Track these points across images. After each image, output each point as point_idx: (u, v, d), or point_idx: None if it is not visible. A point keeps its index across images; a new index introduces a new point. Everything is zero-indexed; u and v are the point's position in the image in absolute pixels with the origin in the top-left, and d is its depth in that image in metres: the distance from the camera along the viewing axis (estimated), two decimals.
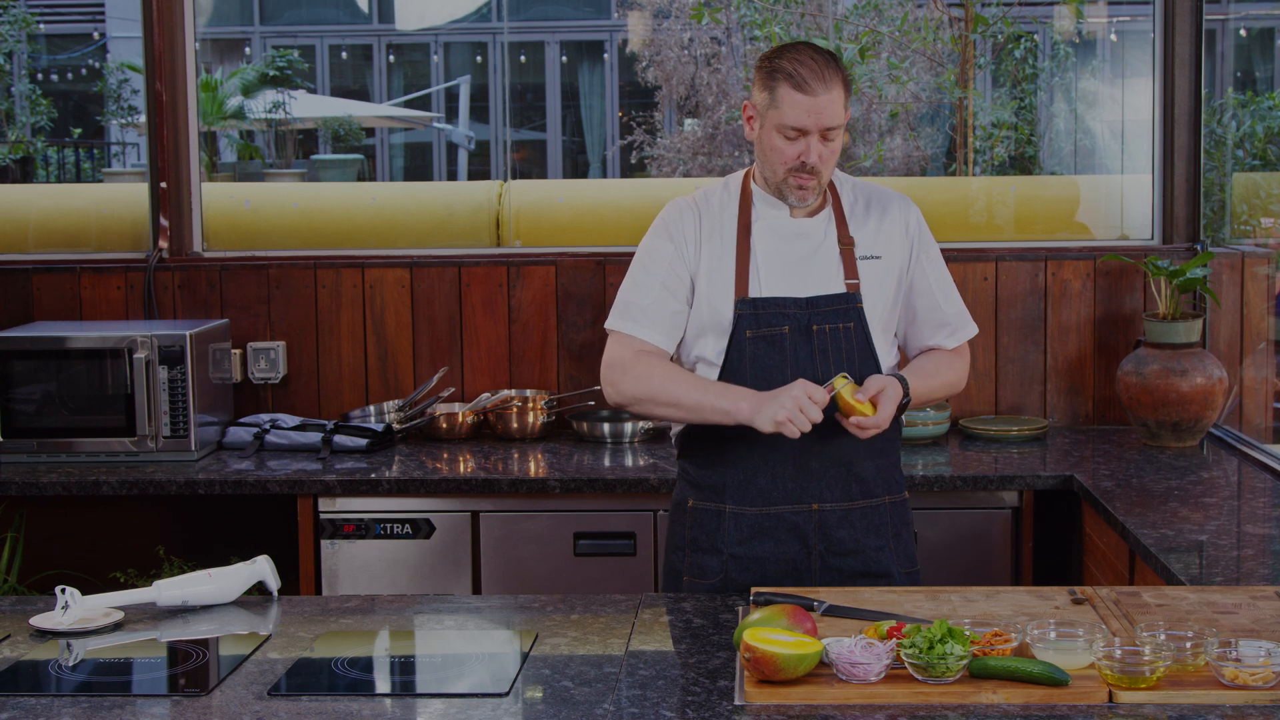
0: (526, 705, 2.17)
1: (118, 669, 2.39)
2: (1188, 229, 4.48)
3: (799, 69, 2.72)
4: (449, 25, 15.15)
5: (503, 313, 4.49)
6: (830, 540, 2.85)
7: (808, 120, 2.73)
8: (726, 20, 10.60)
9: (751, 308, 2.82)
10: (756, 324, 2.82)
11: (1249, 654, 2.13)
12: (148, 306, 4.50)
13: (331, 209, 5.37)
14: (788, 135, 2.75)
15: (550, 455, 4.11)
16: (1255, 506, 3.48)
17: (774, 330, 2.82)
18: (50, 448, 4.11)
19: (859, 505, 2.86)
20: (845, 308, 2.84)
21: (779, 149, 2.77)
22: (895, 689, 2.11)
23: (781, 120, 2.74)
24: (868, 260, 2.88)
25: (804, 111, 2.72)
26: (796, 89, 2.72)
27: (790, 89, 2.73)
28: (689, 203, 2.91)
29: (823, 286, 2.84)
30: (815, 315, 2.82)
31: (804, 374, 2.79)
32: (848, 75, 2.80)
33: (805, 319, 2.82)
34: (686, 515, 2.92)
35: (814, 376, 2.79)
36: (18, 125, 13.68)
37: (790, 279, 2.84)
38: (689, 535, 2.91)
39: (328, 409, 4.51)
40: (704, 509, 2.89)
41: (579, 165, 15.45)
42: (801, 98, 2.72)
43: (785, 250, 2.85)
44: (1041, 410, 4.43)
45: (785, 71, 2.73)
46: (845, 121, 2.80)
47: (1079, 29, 9.68)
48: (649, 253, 2.89)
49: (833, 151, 2.78)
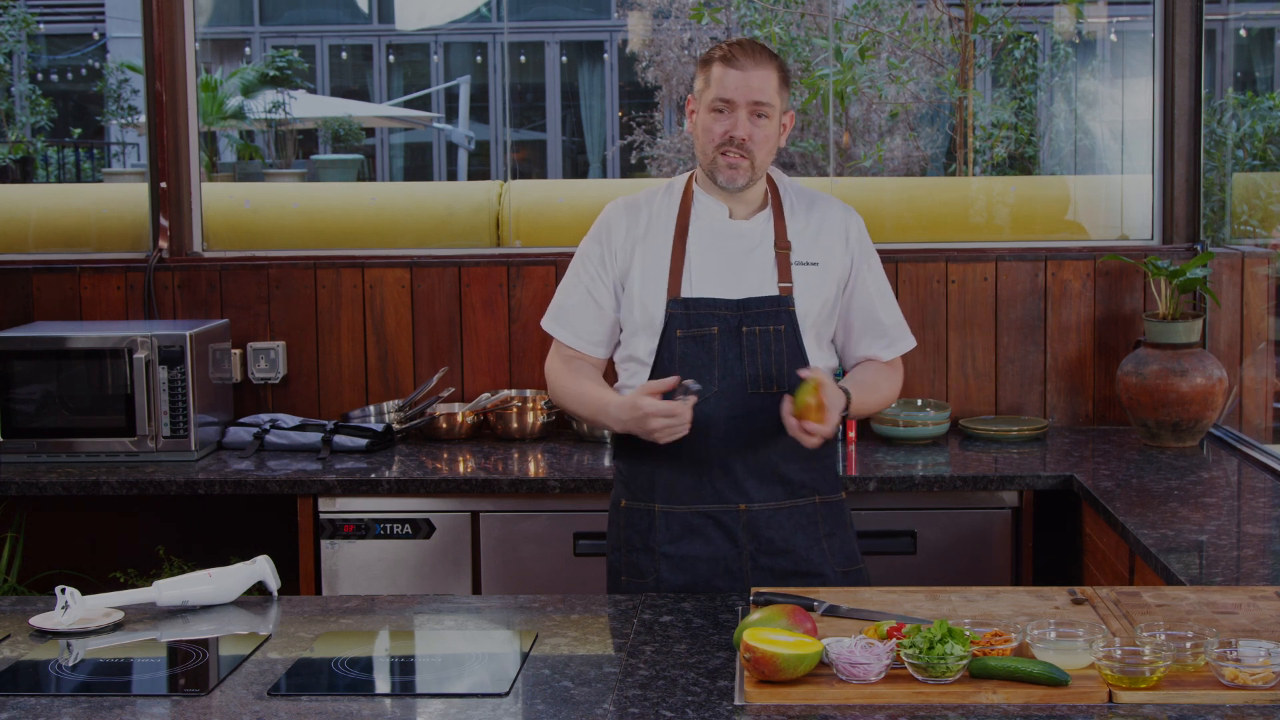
0: (526, 705, 2.17)
1: (118, 669, 2.39)
2: (1188, 229, 4.48)
3: (731, 49, 2.83)
4: (449, 25, 15.14)
5: (503, 313, 4.49)
6: (759, 540, 2.86)
7: (736, 93, 2.80)
8: (726, 20, 10.59)
9: (683, 307, 2.85)
10: (687, 324, 2.84)
11: (1249, 654, 2.13)
12: (148, 306, 4.50)
13: (331, 209, 5.36)
14: (716, 109, 2.82)
15: (550, 455, 4.11)
16: (1255, 506, 3.48)
17: (703, 330, 2.84)
18: (50, 448, 4.11)
19: (786, 505, 2.88)
20: (776, 310, 2.86)
21: (709, 127, 2.84)
22: (895, 689, 2.11)
23: (712, 95, 2.82)
24: (804, 266, 2.89)
25: (733, 84, 2.80)
26: (726, 64, 2.82)
27: (721, 66, 2.82)
28: (626, 203, 2.98)
29: (755, 288, 2.87)
30: (746, 317, 2.84)
31: (731, 376, 2.83)
32: (785, 67, 2.87)
33: (735, 320, 2.84)
34: (620, 515, 2.95)
35: (741, 378, 2.83)
36: (18, 125, 13.68)
37: (723, 280, 2.87)
38: (623, 535, 2.94)
39: (328, 409, 4.51)
40: (636, 509, 2.91)
41: (579, 165, 15.45)
42: (731, 71, 2.81)
43: (720, 250, 2.88)
44: (1041, 410, 4.43)
45: (719, 54, 2.84)
46: (779, 107, 2.84)
47: (1079, 29, 9.68)
48: (580, 255, 2.98)
49: (765, 135, 2.82)
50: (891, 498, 3.75)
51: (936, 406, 4.30)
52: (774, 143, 2.86)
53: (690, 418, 2.71)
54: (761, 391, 2.84)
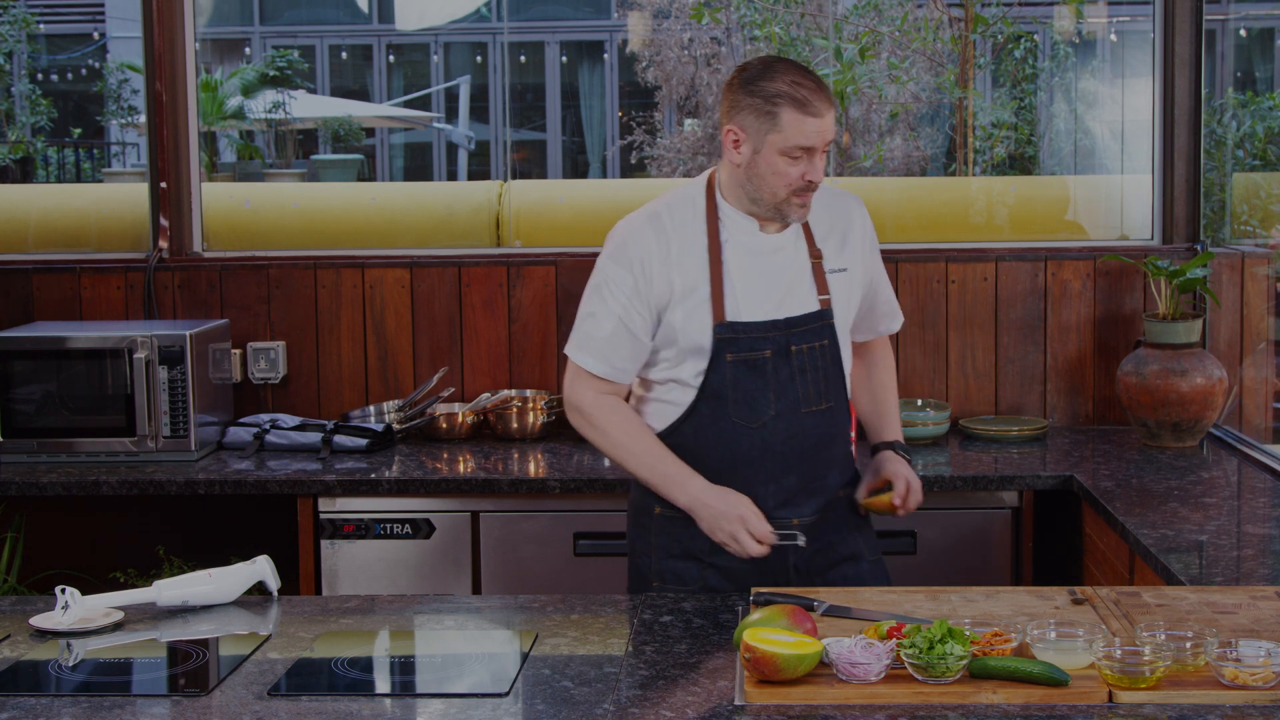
0: (526, 705, 2.17)
1: (118, 669, 2.39)
2: (1188, 229, 4.48)
3: (802, 92, 2.69)
4: (449, 25, 15.15)
5: (503, 313, 4.49)
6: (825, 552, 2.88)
7: (815, 139, 2.70)
8: (726, 20, 10.60)
9: (731, 331, 2.77)
10: (737, 348, 2.77)
11: (1249, 654, 2.13)
12: (148, 306, 4.50)
13: (331, 209, 5.36)
14: (792, 156, 2.70)
15: (550, 455, 4.11)
16: (1255, 506, 3.48)
17: (756, 355, 2.78)
18: (50, 448, 4.11)
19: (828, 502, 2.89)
20: (819, 325, 2.83)
21: (782, 172, 2.71)
22: (895, 689, 2.11)
23: (787, 143, 2.69)
24: (836, 274, 2.86)
25: (812, 131, 2.69)
26: (802, 111, 2.68)
27: (796, 112, 2.68)
28: (648, 222, 2.82)
29: (798, 305, 2.81)
30: (793, 336, 2.80)
31: (785, 397, 2.79)
32: None
33: (784, 340, 2.80)
34: (654, 522, 2.88)
35: (794, 399, 2.80)
36: (18, 125, 13.68)
37: (768, 299, 2.80)
38: (657, 541, 2.89)
39: (328, 409, 4.51)
40: (676, 518, 2.85)
41: (579, 165, 15.45)
42: (810, 120, 2.68)
43: (760, 269, 2.80)
44: (1041, 410, 4.43)
45: (787, 95, 2.68)
46: None
47: (1079, 29, 9.68)
48: (607, 281, 2.82)
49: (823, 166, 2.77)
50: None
51: (936, 406, 4.30)
52: None
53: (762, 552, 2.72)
54: (813, 410, 2.82)
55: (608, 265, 2.83)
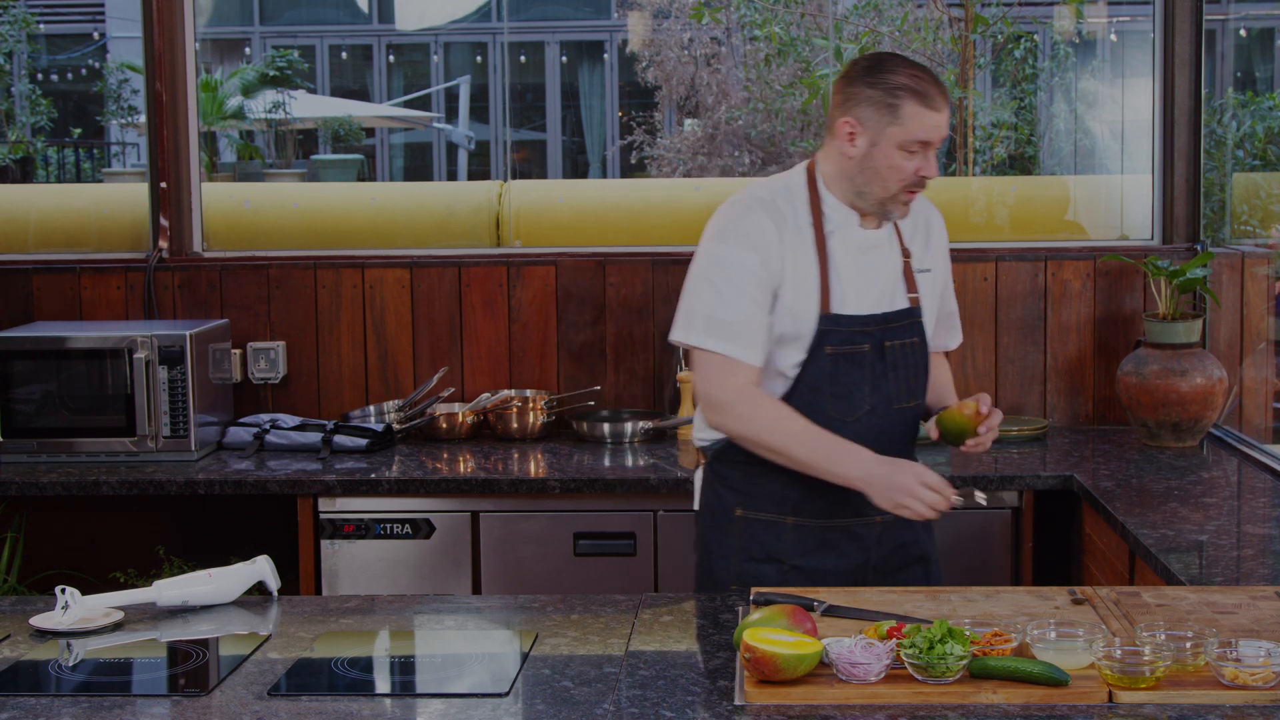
0: (526, 705, 2.17)
1: (118, 669, 2.39)
2: (1188, 229, 4.48)
3: (922, 85, 2.69)
4: (449, 25, 15.15)
5: (503, 313, 4.49)
6: (890, 545, 2.87)
7: (934, 134, 2.70)
8: (726, 20, 10.60)
9: (834, 324, 2.76)
10: (838, 340, 2.77)
11: (1249, 654, 2.12)
12: (148, 306, 4.50)
13: (331, 209, 5.36)
14: (910, 150, 2.70)
15: (550, 455, 4.11)
16: (1255, 506, 3.48)
17: (855, 348, 2.78)
18: (50, 448, 4.11)
19: None
20: (910, 323, 2.85)
21: (898, 166, 2.71)
22: (895, 689, 2.11)
23: (907, 136, 2.69)
24: (922, 274, 2.89)
25: (931, 125, 2.69)
26: (925, 105, 2.69)
27: (918, 105, 2.68)
28: (761, 204, 2.78)
29: (891, 302, 2.83)
30: (888, 332, 2.81)
31: (879, 392, 2.81)
32: None
33: (880, 336, 2.80)
34: (735, 524, 2.86)
35: (887, 394, 2.81)
36: (18, 125, 13.68)
37: (867, 294, 2.80)
38: (737, 544, 2.86)
39: (328, 409, 4.51)
40: (758, 520, 2.85)
41: (579, 165, 15.45)
42: (930, 113, 2.69)
43: (860, 263, 2.80)
44: (1041, 410, 4.43)
45: (909, 88, 2.68)
46: None
47: (1079, 29, 9.68)
48: (731, 264, 2.74)
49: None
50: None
51: None
52: None
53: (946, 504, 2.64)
54: (903, 406, 2.85)
55: (723, 249, 2.76)
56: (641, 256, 4.46)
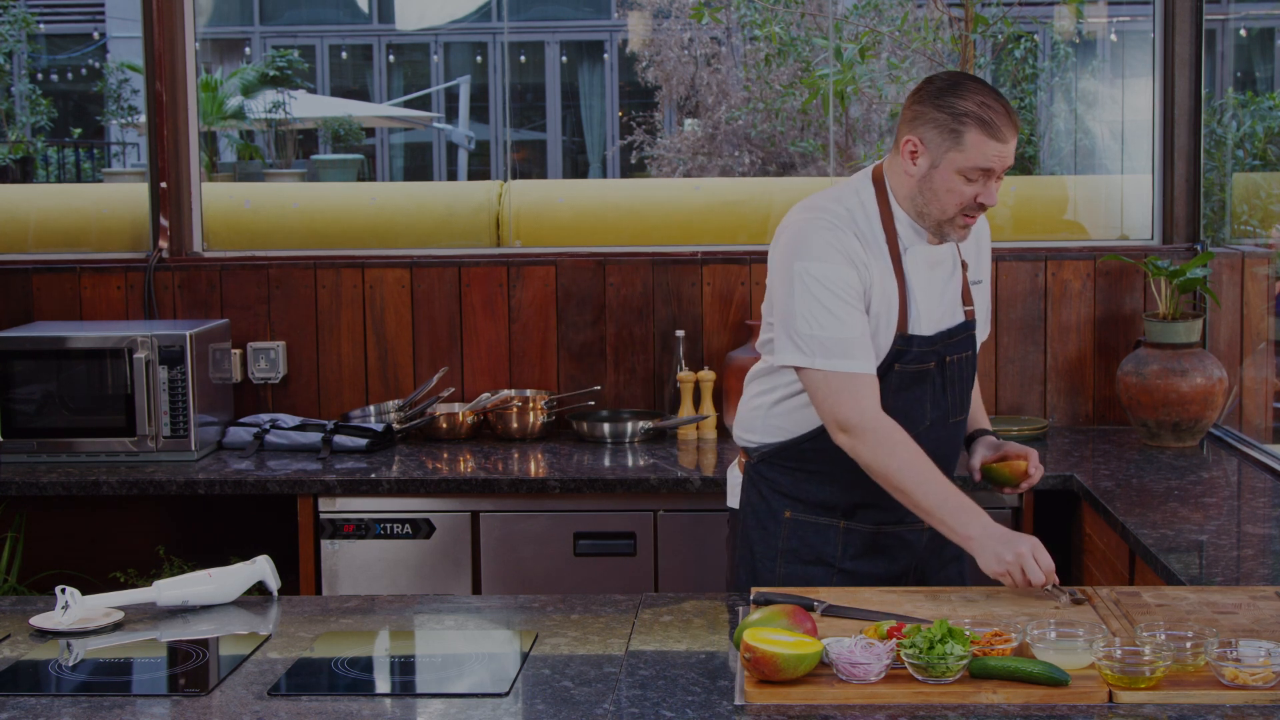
0: (526, 705, 2.17)
1: (118, 669, 2.39)
2: (1188, 229, 4.48)
3: (990, 114, 2.65)
4: (449, 25, 15.14)
5: (503, 313, 4.49)
6: (939, 551, 2.88)
7: (997, 163, 2.67)
8: (726, 20, 10.60)
9: (908, 344, 2.75)
10: (907, 359, 2.76)
11: (1249, 654, 2.13)
12: (148, 306, 4.50)
13: (331, 209, 5.36)
14: (970, 177, 2.67)
15: (550, 455, 4.11)
16: (1255, 506, 3.48)
17: (922, 366, 2.78)
18: (50, 448, 4.11)
19: None
20: (965, 337, 2.85)
21: (957, 190, 2.68)
22: (895, 689, 2.11)
23: (968, 163, 2.66)
24: (976, 285, 2.89)
25: (994, 155, 2.66)
26: (989, 134, 2.65)
27: (982, 134, 2.65)
28: (842, 224, 2.73)
29: (952, 318, 2.82)
30: (948, 348, 2.81)
31: (939, 408, 2.81)
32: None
33: (942, 352, 2.81)
34: (783, 526, 2.87)
35: (944, 410, 2.81)
36: (18, 125, 13.68)
37: (935, 312, 2.79)
38: (785, 546, 2.87)
39: (328, 409, 4.51)
40: (809, 523, 2.85)
41: (579, 165, 15.45)
42: (994, 143, 2.65)
43: (931, 281, 2.80)
44: (1041, 410, 4.43)
45: (975, 116, 2.65)
46: None
47: (1079, 29, 9.68)
48: (834, 281, 2.69)
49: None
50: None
51: None
52: None
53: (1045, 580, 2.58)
54: (957, 419, 2.87)
55: (822, 268, 2.70)
56: (641, 256, 4.46)
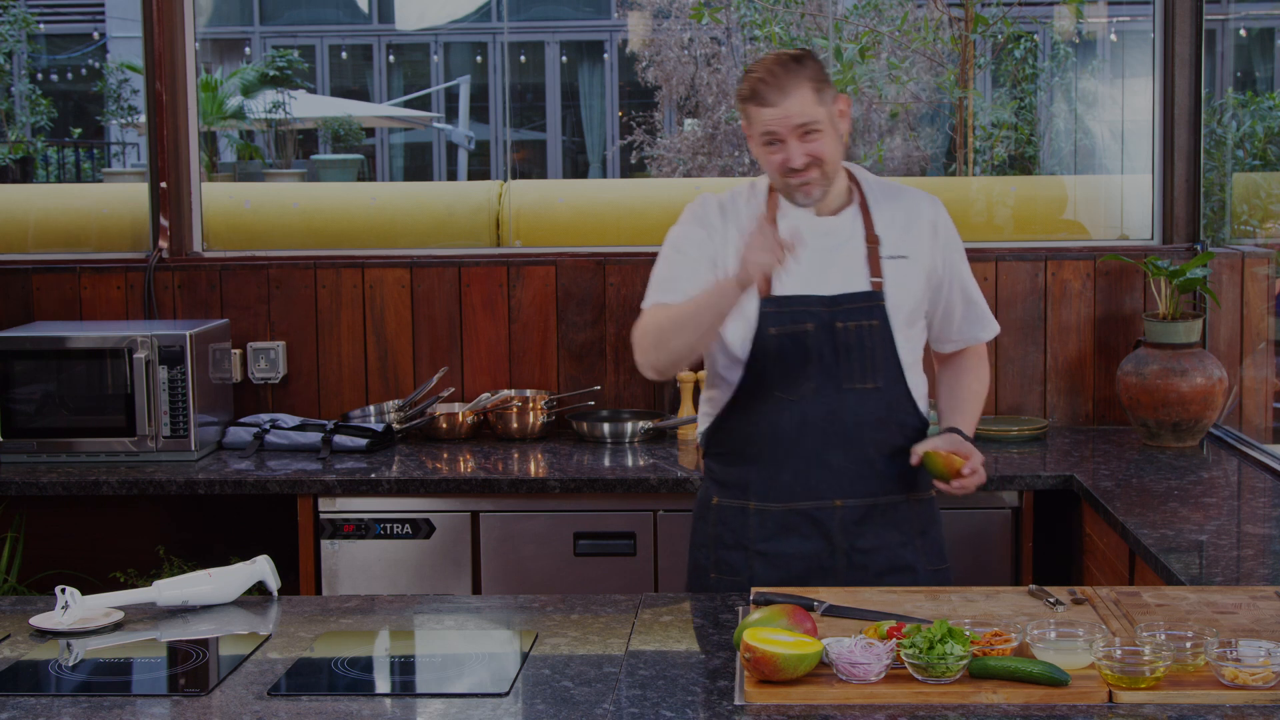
0: (526, 705, 2.17)
1: (118, 669, 2.39)
2: (1188, 229, 4.48)
3: (756, 85, 2.79)
4: (449, 25, 15.15)
5: (503, 313, 4.49)
6: (853, 536, 2.87)
7: (777, 126, 2.78)
8: (726, 20, 10.60)
9: (775, 305, 2.84)
10: (780, 321, 2.83)
11: (1249, 654, 2.13)
12: (148, 306, 4.50)
13: (331, 209, 5.37)
14: (767, 143, 2.81)
15: (550, 455, 4.11)
16: (1255, 506, 3.48)
17: (798, 327, 2.83)
18: (50, 448, 4.11)
19: (881, 502, 2.88)
20: (869, 305, 2.86)
21: (768, 158, 2.83)
22: (895, 689, 2.11)
23: (757, 132, 2.82)
24: (894, 260, 2.90)
25: (769, 120, 2.78)
26: (759, 104, 2.79)
27: (754, 105, 2.80)
28: (715, 199, 2.96)
29: (847, 284, 2.86)
30: (839, 313, 2.84)
31: (825, 372, 2.84)
32: (820, 71, 2.81)
33: (829, 316, 2.84)
34: (711, 512, 2.94)
35: (837, 374, 2.84)
36: (18, 125, 13.68)
37: (814, 277, 2.85)
38: (714, 532, 2.93)
39: (328, 409, 4.52)
40: (729, 506, 2.91)
41: (579, 165, 15.46)
42: (765, 110, 2.78)
43: (810, 247, 2.85)
44: (1041, 410, 4.43)
45: (747, 91, 2.81)
46: (826, 113, 2.80)
47: (1079, 29, 9.68)
48: (679, 238, 2.92)
49: (822, 145, 2.80)
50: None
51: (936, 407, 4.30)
52: (835, 145, 2.84)
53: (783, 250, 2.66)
54: (856, 387, 2.86)
55: (677, 230, 2.94)
56: (641, 256, 4.45)
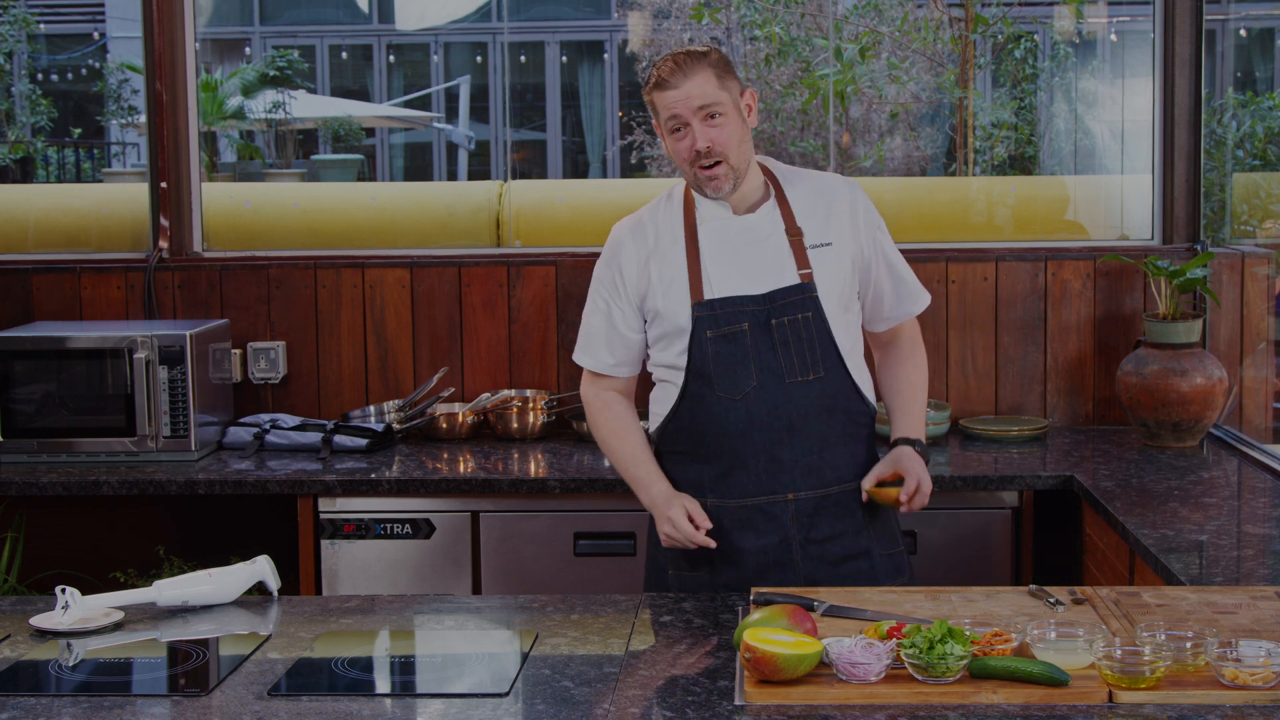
0: (526, 705, 2.17)
1: (118, 669, 2.39)
2: (1188, 229, 4.48)
3: (658, 73, 2.87)
4: (449, 25, 15.15)
5: (503, 313, 4.49)
6: (808, 528, 2.88)
7: (680, 108, 2.83)
8: (726, 20, 10.59)
9: (709, 309, 2.87)
10: (715, 324, 2.87)
11: (1249, 654, 2.13)
12: (148, 306, 4.50)
13: (331, 209, 5.37)
14: (672, 129, 2.86)
15: (550, 455, 4.11)
16: (1255, 506, 3.48)
17: (734, 328, 2.86)
18: (50, 448, 4.11)
19: (833, 492, 2.90)
20: (801, 298, 2.88)
21: (675, 149, 2.88)
22: (895, 689, 2.11)
23: (661, 119, 2.87)
24: (819, 248, 2.92)
25: (672, 102, 2.83)
26: (661, 88, 2.85)
27: (657, 90, 2.86)
28: (629, 223, 3.01)
29: (777, 280, 2.89)
30: (773, 309, 2.87)
31: (766, 369, 2.87)
32: (723, 62, 2.87)
33: (764, 314, 2.86)
34: None
35: (778, 369, 2.86)
36: (18, 125, 13.68)
37: (743, 276, 2.89)
38: None
39: (328, 409, 4.52)
40: None
41: (579, 165, 15.45)
42: (667, 93, 2.84)
43: (734, 248, 2.91)
44: (1041, 410, 4.43)
45: (651, 80, 2.89)
46: (730, 98, 2.85)
47: (1079, 29, 9.68)
48: (595, 281, 3.02)
49: (727, 133, 2.84)
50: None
51: (936, 406, 4.30)
52: (740, 134, 2.87)
53: (700, 542, 2.82)
54: (799, 380, 2.87)
55: (597, 269, 3.03)
56: None
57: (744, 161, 2.89)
